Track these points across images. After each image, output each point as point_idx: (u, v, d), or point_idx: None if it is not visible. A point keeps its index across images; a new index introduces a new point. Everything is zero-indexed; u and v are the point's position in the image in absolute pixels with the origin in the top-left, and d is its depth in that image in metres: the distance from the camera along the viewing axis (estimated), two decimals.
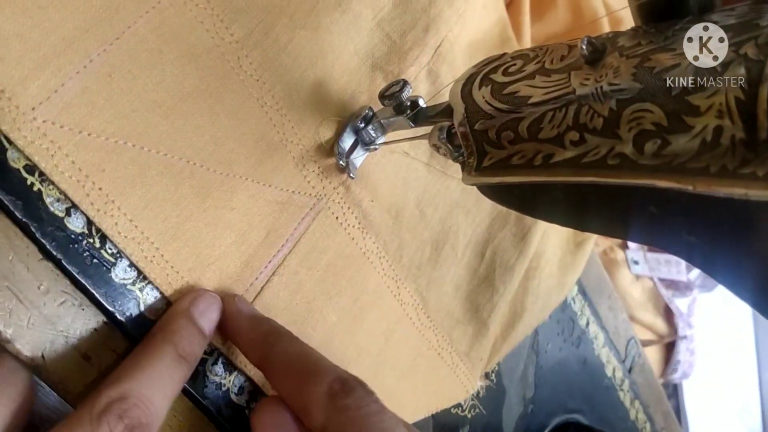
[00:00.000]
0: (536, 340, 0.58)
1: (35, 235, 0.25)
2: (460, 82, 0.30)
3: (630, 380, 0.73)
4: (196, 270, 0.30)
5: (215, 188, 0.31)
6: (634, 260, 1.29)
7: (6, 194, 0.24)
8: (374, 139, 0.37)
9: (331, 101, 0.37)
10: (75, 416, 0.23)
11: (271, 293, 0.34)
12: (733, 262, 0.23)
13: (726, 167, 0.20)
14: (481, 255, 0.49)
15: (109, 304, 0.27)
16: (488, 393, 0.51)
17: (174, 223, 0.29)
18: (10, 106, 0.24)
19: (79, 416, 0.23)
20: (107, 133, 0.27)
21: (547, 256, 0.56)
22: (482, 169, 0.29)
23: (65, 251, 0.26)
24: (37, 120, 0.25)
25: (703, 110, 0.21)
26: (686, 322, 1.32)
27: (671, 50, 0.23)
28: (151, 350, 0.26)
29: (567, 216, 0.29)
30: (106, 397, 0.23)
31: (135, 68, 0.28)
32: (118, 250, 0.28)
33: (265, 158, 0.34)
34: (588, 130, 0.24)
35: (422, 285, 0.44)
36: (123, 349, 0.28)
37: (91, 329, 0.27)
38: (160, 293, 0.29)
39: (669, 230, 0.24)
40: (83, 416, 0.23)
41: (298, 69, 0.36)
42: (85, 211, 0.26)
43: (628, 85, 0.23)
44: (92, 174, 0.27)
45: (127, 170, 0.28)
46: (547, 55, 0.28)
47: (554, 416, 0.60)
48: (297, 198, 0.35)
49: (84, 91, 0.26)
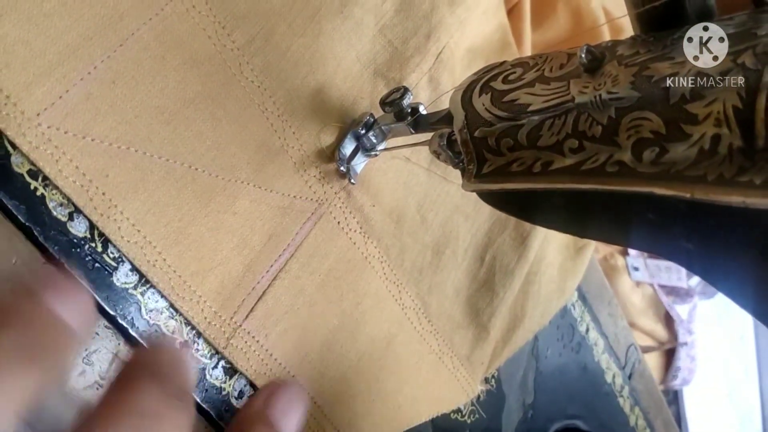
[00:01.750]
0: (536, 346, 0.58)
1: (38, 239, 0.25)
2: (460, 90, 0.31)
3: (630, 386, 0.73)
4: (199, 274, 0.31)
5: (217, 193, 0.31)
6: (634, 267, 1.29)
7: (10, 198, 0.25)
8: (375, 145, 0.38)
9: (333, 107, 0.38)
10: None
11: (273, 297, 0.34)
12: (731, 269, 0.23)
13: (723, 175, 0.20)
14: (481, 259, 0.50)
15: (110, 308, 0.28)
16: (488, 398, 0.51)
17: (176, 228, 0.30)
18: (16, 111, 0.25)
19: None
20: (111, 139, 0.27)
21: (548, 260, 0.56)
22: (482, 175, 0.29)
23: (68, 255, 0.26)
24: (42, 125, 0.25)
25: (701, 119, 0.21)
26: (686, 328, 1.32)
27: (670, 59, 0.23)
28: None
29: (566, 223, 0.29)
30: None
31: (138, 75, 0.29)
32: (120, 255, 0.28)
33: (266, 163, 0.34)
34: (587, 138, 0.25)
35: (423, 289, 0.44)
36: (123, 353, 0.28)
37: (92, 333, 0.27)
38: (162, 297, 0.29)
39: (668, 237, 0.25)
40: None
41: (299, 75, 0.36)
42: (88, 216, 0.27)
43: (627, 94, 0.23)
44: (96, 179, 0.27)
45: (130, 175, 0.28)
46: (547, 63, 0.28)
47: (554, 422, 0.60)
48: (298, 203, 0.35)
49: (88, 97, 0.27)
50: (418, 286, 0.44)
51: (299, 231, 0.35)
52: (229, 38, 0.32)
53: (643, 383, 0.77)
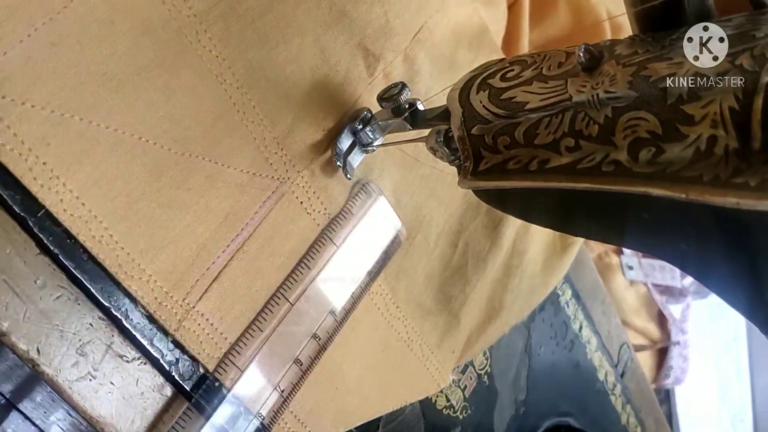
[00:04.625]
0: (529, 343, 0.58)
1: (33, 229, 0.25)
2: (458, 87, 0.31)
3: (622, 385, 0.74)
4: (149, 252, 0.29)
5: (170, 167, 0.30)
6: (628, 265, 1.29)
7: (4, 189, 0.25)
8: (372, 140, 0.38)
9: (301, 79, 0.36)
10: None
11: (228, 279, 0.32)
12: (725, 270, 0.23)
13: (719, 176, 0.20)
14: (454, 245, 0.48)
15: (105, 299, 0.27)
16: (480, 394, 0.51)
17: (124, 202, 0.28)
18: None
19: None
20: (53, 105, 0.26)
21: (530, 255, 0.56)
22: (478, 173, 0.29)
23: (62, 246, 0.26)
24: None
25: (698, 120, 0.21)
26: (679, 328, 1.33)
27: (668, 59, 0.23)
28: None
29: (561, 221, 0.29)
30: None
31: (84, 39, 0.27)
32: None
33: (224, 138, 0.32)
34: (583, 137, 0.25)
35: (391, 274, 0.43)
36: (118, 345, 0.28)
37: (87, 324, 0.27)
38: (108, 275, 0.28)
39: (663, 238, 0.25)
40: None
41: (266, 46, 0.34)
42: (27, 186, 0.25)
43: (624, 93, 0.23)
44: (36, 147, 0.25)
45: (73, 145, 0.27)
46: (545, 61, 0.28)
47: (546, 419, 0.60)
48: (258, 180, 0.34)
49: (28, 61, 0.25)
50: (385, 270, 0.42)
51: (258, 210, 0.34)
52: (186, 4, 0.31)
53: (635, 382, 0.77)
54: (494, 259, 0.51)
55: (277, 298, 0.35)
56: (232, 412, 0.32)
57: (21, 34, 0.25)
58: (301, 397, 0.36)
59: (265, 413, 0.33)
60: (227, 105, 0.33)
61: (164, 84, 0.30)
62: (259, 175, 0.34)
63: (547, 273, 0.58)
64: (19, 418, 0.26)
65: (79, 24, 0.27)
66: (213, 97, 0.32)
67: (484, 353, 0.53)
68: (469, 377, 0.51)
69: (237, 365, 0.32)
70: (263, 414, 0.33)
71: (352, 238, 0.38)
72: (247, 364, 0.33)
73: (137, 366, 0.29)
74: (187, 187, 0.31)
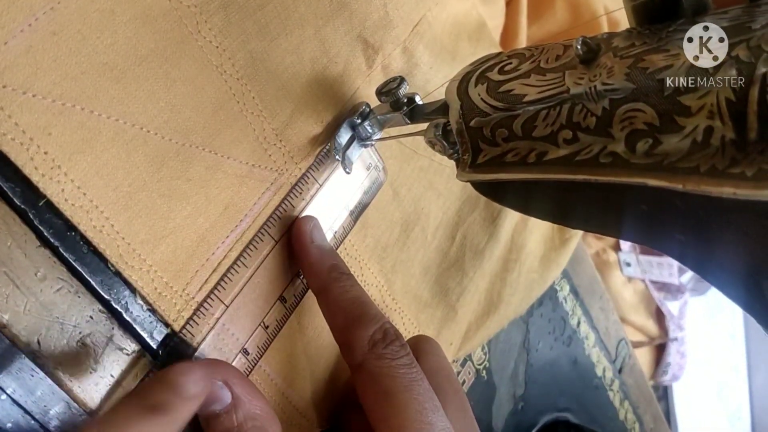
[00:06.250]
0: (527, 339, 0.58)
1: (33, 221, 0.25)
2: (456, 80, 0.31)
3: (620, 381, 0.74)
4: (149, 242, 0.29)
5: (170, 158, 0.30)
6: (626, 262, 1.30)
7: (5, 181, 0.25)
8: (371, 134, 0.38)
9: (301, 70, 0.36)
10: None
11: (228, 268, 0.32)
12: (723, 262, 0.23)
13: (716, 167, 0.20)
14: (452, 238, 0.49)
15: (105, 292, 0.28)
16: (478, 389, 0.52)
17: (125, 193, 0.28)
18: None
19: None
20: (54, 95, 0.26)
21: (528, 249, 0.56)
22: (476, 165, 0.29)
23: (62, 239, 0.26)
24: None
25: (695, 111, 0.21)
26: (677, 324, 1.33)
27: (664, 51, 0.23)
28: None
29: (560, 213, 0.29)
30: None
31: (84, 28, 0.27)
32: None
33: (223, 129, 0.32)
34: (581, 129, 0.25)
35: (387, 266, 0.43)
36: (118, 337, 0.28)
37: (87, 317, 0.27)
38: (108, 266, 0.28)
39: (660, 229, 0.25)
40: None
41: (267, 37, 0.34)
42: (29, 176, 0.25)
43: (622, 85, 0.23)
44: (37, 137, 0.25)
45: (75, 135, 0.27)
46: (543, 54, 0.28)
47: (544, 414, 0.60)
48: (257, 171, 0.34)
49: (29, 50, 0.25)
50: (381, 263, 0.42)
51: (257, 201, 0.34)
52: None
53: (633, 378, 0.77)
54: (492, 252, 0.51)
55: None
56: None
57: (22, 23, 0.25)
58: (301, 387, 0.36)
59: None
60: (227, 96, 0.33)
61: (165, 74, 0.30)
62: (258, 167, 0.34)
63: (545, 267, 0.58)
64: (19, 412, 0.26)
65: (80, 13, 0.27)
66: (213, 87, 0.32)
67: (483, 348, 0.53)
68: (467, 372, 0.51)
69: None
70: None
71: (334, 177, 0.38)
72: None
73: (137, 358, 0.29)
74: (187, 177, 0.31)
